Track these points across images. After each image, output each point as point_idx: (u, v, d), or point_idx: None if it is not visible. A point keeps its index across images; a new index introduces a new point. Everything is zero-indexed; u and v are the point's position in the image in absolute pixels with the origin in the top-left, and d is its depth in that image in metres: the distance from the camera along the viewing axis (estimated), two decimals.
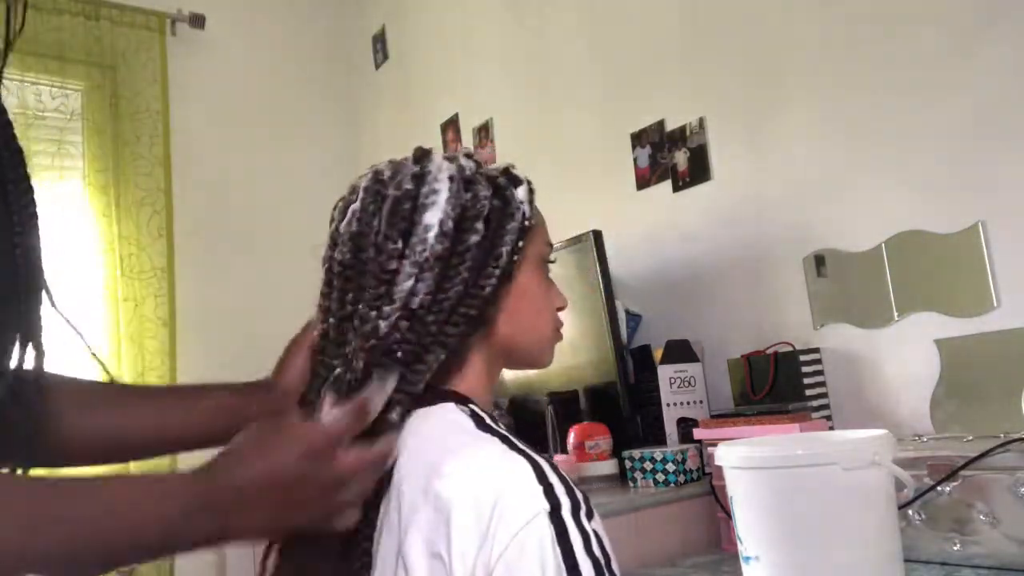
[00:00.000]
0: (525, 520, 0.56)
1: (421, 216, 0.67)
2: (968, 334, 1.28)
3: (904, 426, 1.34)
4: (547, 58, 2.19)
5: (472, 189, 0.70)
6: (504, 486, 0.58)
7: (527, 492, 0.58)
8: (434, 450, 0.63)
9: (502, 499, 0.57)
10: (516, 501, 0.57)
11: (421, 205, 0.68)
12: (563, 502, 0.58)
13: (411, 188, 0.69)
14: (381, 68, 2.96)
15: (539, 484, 0.59)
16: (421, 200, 0.68)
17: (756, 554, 0.89)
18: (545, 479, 0.59)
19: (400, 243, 0.67)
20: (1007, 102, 1.24)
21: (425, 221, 0.67)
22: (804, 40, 1.53)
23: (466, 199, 0.69)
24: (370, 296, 0.66)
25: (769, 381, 1.47)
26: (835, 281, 1.49)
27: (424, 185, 0.69)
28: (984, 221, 1.26)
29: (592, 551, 0.56)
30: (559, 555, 0.55)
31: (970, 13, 1.28)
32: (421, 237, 0.67)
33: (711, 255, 1.72)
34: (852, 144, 1.45)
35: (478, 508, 0.57)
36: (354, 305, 0.67)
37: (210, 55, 2.82)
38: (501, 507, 0.57)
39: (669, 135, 1.81)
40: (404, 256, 0.66)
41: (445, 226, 0.67)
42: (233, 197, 2.77)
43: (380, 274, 0.66)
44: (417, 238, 0.67)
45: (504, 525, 0.56)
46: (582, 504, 0.59)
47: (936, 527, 1.03)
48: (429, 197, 0.68)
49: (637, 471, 1.45)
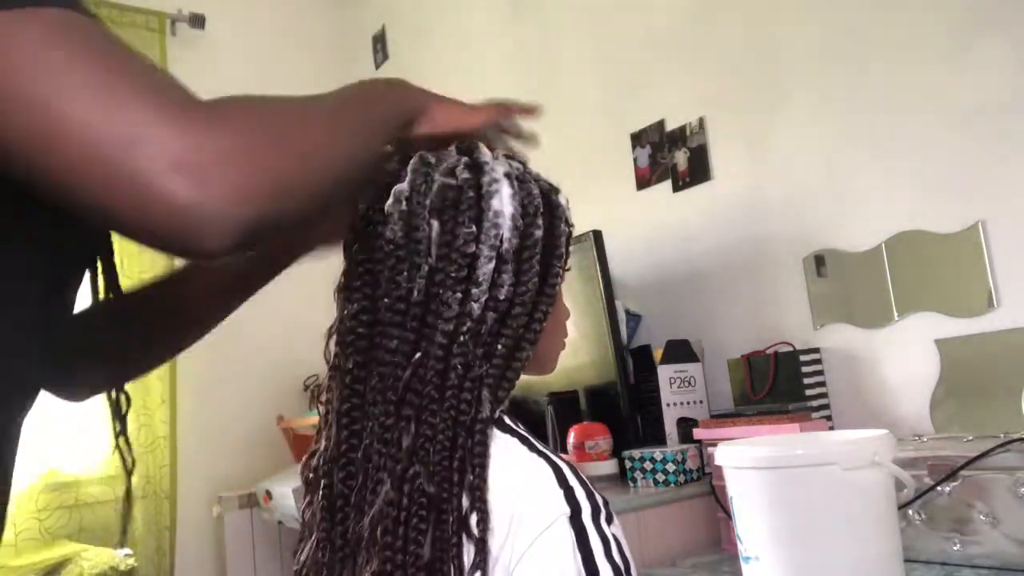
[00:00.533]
0: (545, 524, 0.56)
1: (489, 204, 0.66)
2: (968, 334, 1.28)
3: (904, 426, 1.34)
4: (547, 58, 2.19)
5: (524, 187, 0.69)
6: (525, 489, 0.59)
7: (548, 495, 0.58)
8: None
9: (522, 502, 0.58)
10: (537, 505, 0.57)
11: (487, 193, 0.66)
12: (583, 506, 0.58)
13: (470, 177, 0.67)
14: (381, 68, 2.96)
15: (559, 488, 0.59)
16: (485, 188, 0.67)
17: (756, 554, 0.89)
18: (566, 482, 0.59)
19: (474, 228, 0.65)
20: (1007, 102, 1.24)
21: (494, 208, 0.66)
22: (804, 40, 1.53)
23: (523, 195, 0.68)
24: (451, 279, 0.64)
25: (769, 381, 1.47)
26: (835, 281, 1.49)
27: (484, 175, 0.68)
28: (984, 221, 1.26)
29: (612, 556, 0.56)
30: (579, 560, 0.55)
31: (970, 13, 1.28)
32: (493, 223, 0.65)
33: (711, 255, 1.72)
34: (852, 144, 1.45)
35: (498, 510, 0.57)
36: (410, 283, 0.65)
37: (210, 55, 2.82)
38: (521, 510, 0.57)
39: (669, 135, 1.81)
40: (480, 241, 0.65)
41: (516, 220, 0.67)
42: None
43: (459, 257, 0.64)
44: (489, 223, 0.65)
45: (524, 528, 0.56)
46: (602, 508, 0.59)
47: (936, 527, 1.03)
48: (492, 186, 0.67)
49: (637, 471, 1.45)
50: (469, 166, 0.68)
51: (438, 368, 0.62)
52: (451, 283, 0.64)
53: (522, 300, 0.66)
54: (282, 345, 2.62)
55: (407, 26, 2.81)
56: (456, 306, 0.63)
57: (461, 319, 0.63)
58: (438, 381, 0.62)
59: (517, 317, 0.65)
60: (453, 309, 0.63)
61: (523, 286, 0.66)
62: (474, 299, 0.64)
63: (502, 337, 0.65)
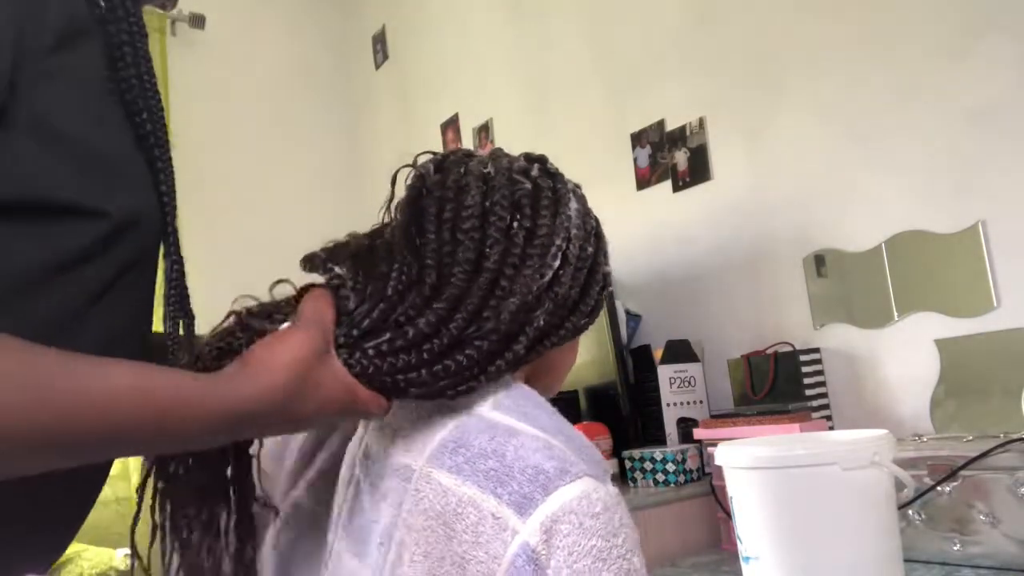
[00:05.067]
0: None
1: (562, 208, 0.68)
2: (968, 334, 1.28)
3: (904, 426, 1.34)
4: (547, 58, 2.19)
5: (585, 207, 0.73)
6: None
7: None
8: None
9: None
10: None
11: (561, 199, 0.69)
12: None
13: (548, 180, 0.70)
14: (381, 68, 2.96)
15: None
16: (560, 195, 0.69)
17: (756, 554, 0.89)
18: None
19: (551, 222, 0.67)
20: (1007, 102, 1.24)
21: (566, 213, 0.68)
22: (804, 40, 1.53)
23: (584, 213, 0.71)
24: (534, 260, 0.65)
25: (769, 381, 1.47)
26: (835, 281, 1.49)
27: (558, 183, 0.70)
28: (984, 221, 1.26)
29: None
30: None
31: (970, 12, 1.28)
32: (564, 226, 0.67)
33: (711, 255, 1.72)
34: (852, 144, 1.45)
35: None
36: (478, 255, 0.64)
37: (210, 55, 2.82)
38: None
39: (669, 135, 1.81)
40: (553, 237, 0.66)
41: (580, 229, 0.69)
42: (233, 197, 2.77)
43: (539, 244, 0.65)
44: (560, 225, 0.67)
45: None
46: None
47: (936, 527, 1.03)
48: (564, 195, 0.69)
49: (637, 471, 1.45)
50: (543, 172, 0.71)
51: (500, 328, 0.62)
52: (531, 264, 0.65)
53: (568, 303, 0.68)
54: None
55: (407, 26, 2.81)
56: (533, 285, 0.64)
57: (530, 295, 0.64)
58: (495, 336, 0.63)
59: (556, 316, 0.67)
60: (530, 287, 0.64)
61: (572, 290, 0.68)
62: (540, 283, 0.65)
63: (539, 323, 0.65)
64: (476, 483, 0.57)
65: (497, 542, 0.54)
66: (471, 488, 0.57)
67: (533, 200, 0.67)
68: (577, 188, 0.74)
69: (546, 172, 0.71)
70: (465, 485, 0.57)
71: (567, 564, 0.53)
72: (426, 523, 0.58)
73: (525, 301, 0.63)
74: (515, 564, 0.53)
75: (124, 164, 0.57)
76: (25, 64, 0.49)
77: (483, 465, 0.58)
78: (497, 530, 0.55)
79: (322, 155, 3.00)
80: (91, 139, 0.53)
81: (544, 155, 0.73)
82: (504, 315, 0.62)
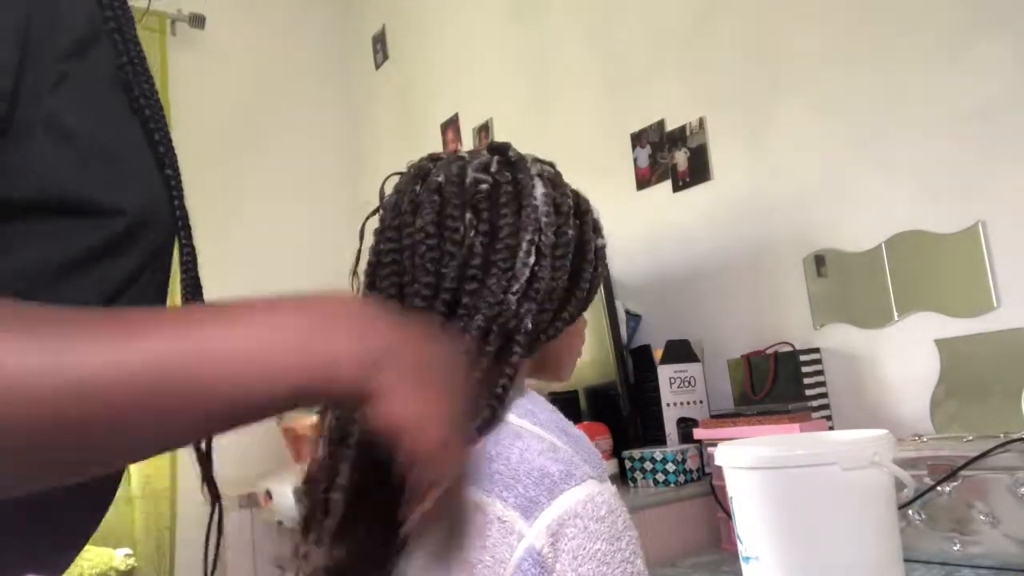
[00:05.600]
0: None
1: (525, 199, 0.66)
2: (968, 334, 1.28)
3: (904, 426, 1.34)
4: (547, 58, 2.19)
5: (557, 189, 0.70)
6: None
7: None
8: None
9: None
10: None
11: (524, 188, 0.67)
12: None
13: (507, 173, 0.68)
14: (381, 68, 2.96)
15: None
16: (521, 185, 0.67)
17: (756, 554, 0.89)
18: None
19: (514, 220, 0.65)
20: (1006, 102, 1.24)
21: (531, 204, 0.66)
22: (804, 40, 1.53)
23: (555, 195, 0.69)
24: (497, 268, 0.64)
25: (769, 381, 1.47)
26: (835, 281, 1.49)
27: (519, 172, 0.68)
28: (984, 221, 1.26)
29: None
30: None
31: (970, 13, 1.28)
32: (531, 217, 0.65)
33: (711, 255, 1.72)
34: (852, 144, 1.45)
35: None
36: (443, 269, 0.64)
37: (210, 55, 2.82)
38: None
39: (669, 135, 1.81)
40: (519, 233, 0.65)
41: (551, 216, 0.67)
42: (234, 197, 2.77)
43: (503, 248, 0.64)
44: (527, 217, 0.65)
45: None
46: None
47: (936, 527, 1.03)
48: (527, 183, 0.67)
49: (637, 471, 1.45)
50: (503, 164, 0.68)
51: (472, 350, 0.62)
52: (496, 271, 0.64)
53: (554, 296, 0.66)
54: None
55: (407, 26, 2.81)
56: (501, 294, 0.63)
57: (503, 305, 0.63)
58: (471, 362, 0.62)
59: (546, 312, 0.66)
60: (498, 296, 0.63)
61: (556, 282, 0.66)
62: (513, 290, 0.64)
63: (527, 327, 0.64)
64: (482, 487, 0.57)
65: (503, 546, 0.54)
66: (477, 492, 0.57)
67: (491, 200, 0.65)
68: (546, 169, 0.71)
69: (506, 163, 0.69)
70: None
71: (572, 568, 0.53)
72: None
73: (496, 314, 0.62)
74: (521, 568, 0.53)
75: (135, 160, 0.57)
76: (40, 64, 0.49)
77: (489, 469, 0.58)
78: (503, 534, 0.55)
79: (322, 155, 3.00)
80: (103, 136, 0.54)
81: (506, 143, 0.71)
82: (473, 334, 0.61)
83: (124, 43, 0.58)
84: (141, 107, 0.59)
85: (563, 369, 0.77)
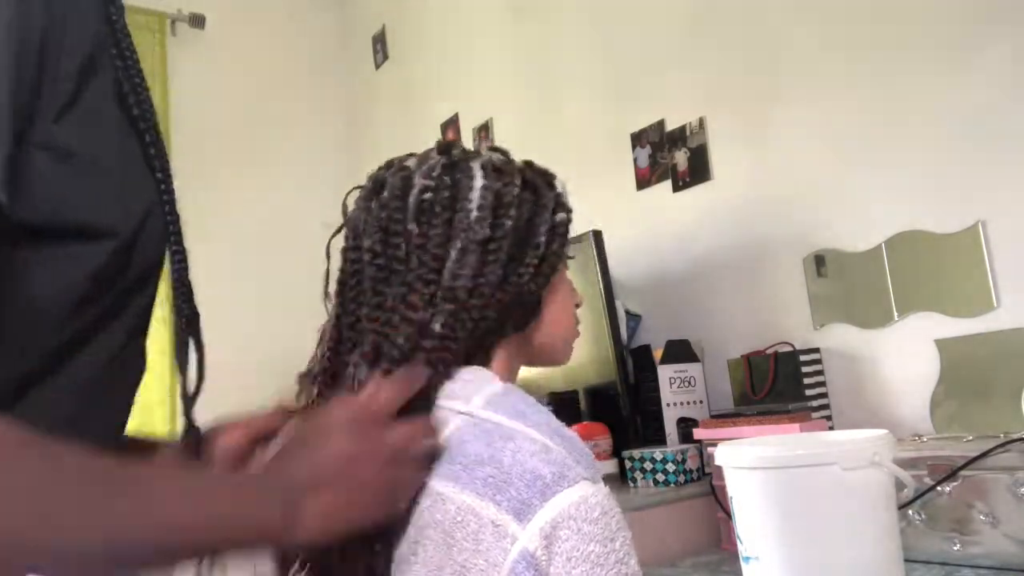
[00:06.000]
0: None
1: (460, 201, 0.67)
2: (968, 334, 1.28)
3: (904, 426, 1.34)
4: (547, 58, 2.19)
5: (503, 178, 0.69)
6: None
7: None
8: None
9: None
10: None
11: (460, 189, 0.67)
12: None
13: (446, 177, 0.68)
14: (381, 68, 2.96)
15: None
16: (458, 186, 0.67)
17: (756, 554, 0.89)
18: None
19: (445, 229, 0.66)
20: (1006, 102, 1.24)
21: (465, 206, 0.67)
22: (804, 40, 1.53)
23: (498, 186, 0.68)
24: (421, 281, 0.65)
25: (769, 381, 1.47)
26: (835, 281, 1.49)
27: (458, 172, 0.68)
28: (984, 221, 1.26)
29: None
30: None
31: (970, 13, 1.28)
32: (463, 219, 0.66)
33: (711, 255, 1.72)
34: (852, 144, 1.45)
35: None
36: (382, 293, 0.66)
37: (210, 55, 2.82)
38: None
39: (669, 135, 1.81)
40: (450, 242, 0.66)
41: (483, 210, 0.66)
42: (234, 197, 2.77)
43: (430, 260, 0.65)
44: (459, 220, 0.66)
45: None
46: None
47: (936, 527, 1.03)
48: (464, 181, 0.68)
49: (637, 471, 1.45)
50: (445, 165, 0.69)
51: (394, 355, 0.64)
52: (419, 285, 0.65)
53: (480, 292, 0.66)
54: (283, 342, 2.62)
55: (407, 26, 2.81)
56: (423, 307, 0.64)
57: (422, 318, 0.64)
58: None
59: (472, 309, 0.65)
60: (419, 311, 0.64)
61: (488, 276, 0.66)
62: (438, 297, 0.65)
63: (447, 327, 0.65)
64: (474, 490, 0.57)
65: (497, 550, 0.54)
66: (469, 496, 0.57)
67: (429, 210, 0.66)
68: (493, 158, 0.71)
69: (449, 165, 0.69)
70: (463, 493, 0.57)
71: (566, 570, 0.53)
72: (423, 532, 0.57)
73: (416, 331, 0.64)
74: (515, 571, 0.53)
75: (133, 181, 0.57)
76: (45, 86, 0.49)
77: (480, 472, 0.57)
78: (497, 537, 0.54)
79: (322, 155, 3.00)
80: (103, 158, 0.54)
81: (451, 142, 0.71)
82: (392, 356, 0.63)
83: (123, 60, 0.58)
84: (136, 121, 0.59)
85: (557, 352, 0.76)
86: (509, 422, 0.61)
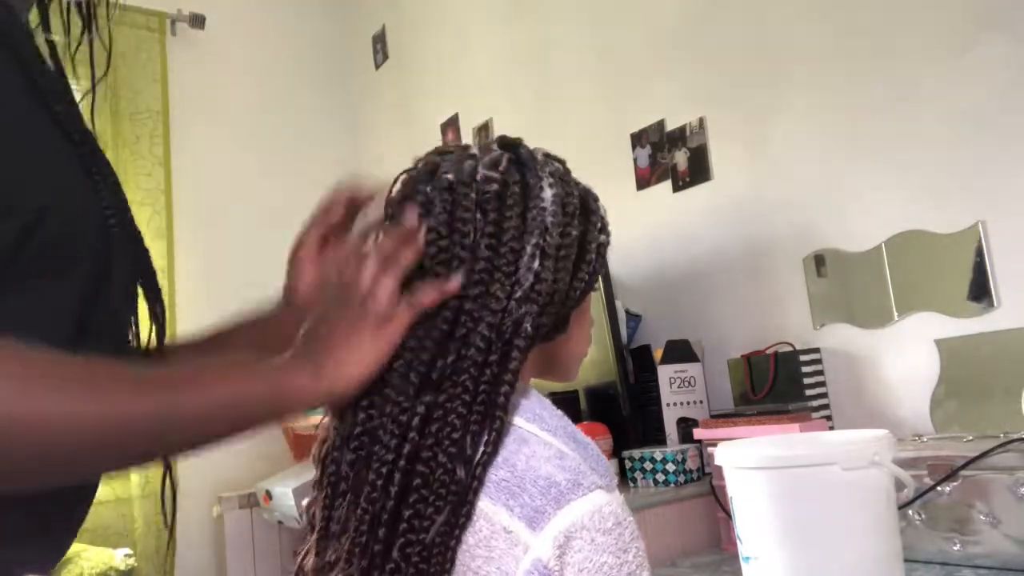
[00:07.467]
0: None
1: (533, 200, 0.65)
2: (968, 334, 1.28)
3: (904, 426, 1.34)
4: (547, 58, 2.19)
5: (566, 187, 0.68)
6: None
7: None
8: None
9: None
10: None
11: (532, 189, 0.65)
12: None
13: (515, 172, 0.66)
14: (381, 68, 2.96)
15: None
16: (528, 185, 0.66)
17: (756, 554, 0.89)
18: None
19: (520, 223, 0.64)
20: (1006, 102, 1.24)
21: (539, 205, 0.65)
22: (804, 40, 1.53)
23: (564, 195, 0.67)
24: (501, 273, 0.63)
25: (769, 381, 1.47)
26: (835, 281, 1.49)
27: (528, 171, 0.67)
28: (984, 221, 1.26)
29: None
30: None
31: (970, 13, 1.28)
32: (538, 219, 0.64)
33: (711, 255, 1.72)
34: (852, 144, 1.45)
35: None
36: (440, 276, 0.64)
37: (210, 55, 2.82)
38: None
39: (669, 135, 1.81)
40: (525, 236, 0.64)
41: (556, 216, 0.65)
42: (233, 197, 2.77)
43: (507, 252, 0.63)
44: (532, 220, 0.64)
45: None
46: None
47: (936, 527, 1.03)
48: (536, 182, 0.66)
49: (637, 471, 1.45)
50: (513, 161, 0.67)
51: (477, 360, 0.61)
52: (500, 276, 0.63)
53: (556, 297, 0.65)
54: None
55: (407, 26, 2.81)
56: (505, 299, 0.62)
57: (506, 312, 0.62)
58: (475, 372, 0.61)
59: (547, 314, 0.65)
60: (501, 302, 0.62)
61: (559, 283, 0.65)
62: (516, 295, 0.63)
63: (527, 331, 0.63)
64: (487, 494, 0.56)
65: (509, 558, 0.54)
66: (483, 499, 0.56)
67: (499, 201, 0.64)
68: (556, 167, 0.70)
69: (516, 162, 0.67)
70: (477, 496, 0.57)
71: None
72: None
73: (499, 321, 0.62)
74: None
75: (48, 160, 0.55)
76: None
77: (494, 476, 0.57)
78: (509, 544, 0.54)
79: (322, 155, 3.00)
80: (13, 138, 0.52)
81: (517, 139, 0.70)
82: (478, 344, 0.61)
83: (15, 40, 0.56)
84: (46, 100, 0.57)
85: (571, 369, 0.76)
86: (526, 425, 0.61)
